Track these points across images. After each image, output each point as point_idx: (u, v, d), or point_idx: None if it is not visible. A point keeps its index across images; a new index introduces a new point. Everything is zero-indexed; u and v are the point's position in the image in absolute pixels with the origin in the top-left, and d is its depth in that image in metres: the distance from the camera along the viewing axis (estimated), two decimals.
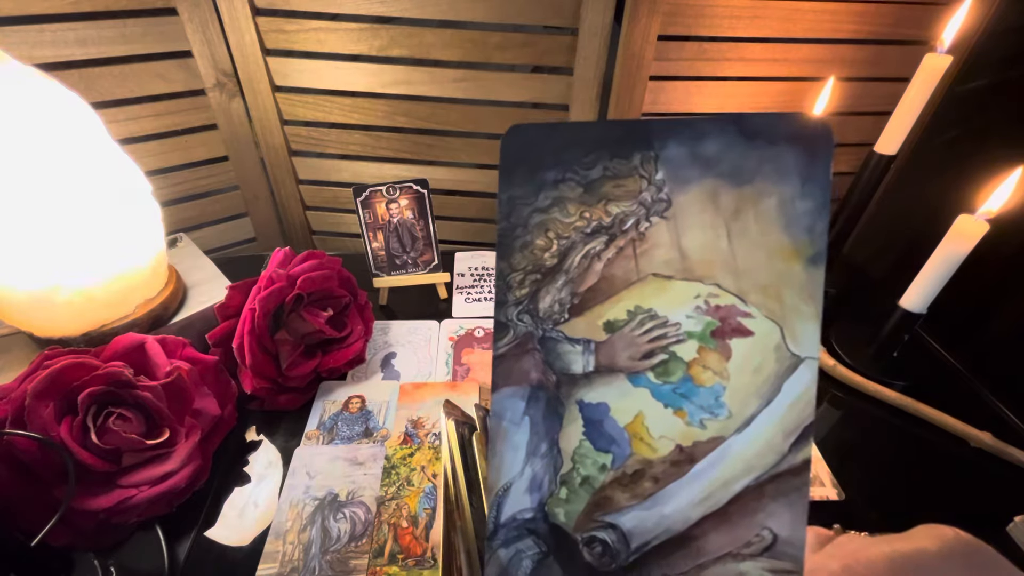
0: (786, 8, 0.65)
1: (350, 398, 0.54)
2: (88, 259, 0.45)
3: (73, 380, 0.39)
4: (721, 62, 0.68)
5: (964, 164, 0.68)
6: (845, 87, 0.69)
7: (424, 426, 0.51)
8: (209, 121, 0.73)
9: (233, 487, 0.47)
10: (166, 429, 0.42)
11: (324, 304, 0.54)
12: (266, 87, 0.71)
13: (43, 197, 0.42)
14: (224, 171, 0.77)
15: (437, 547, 0.42)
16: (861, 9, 0.66)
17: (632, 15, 0.63)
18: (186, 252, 0.63)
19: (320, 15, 0.66)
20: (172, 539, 0.42)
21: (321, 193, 0.82)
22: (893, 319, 0.57)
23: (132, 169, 0.49)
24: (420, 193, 0.62)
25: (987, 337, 0.66)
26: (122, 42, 0.63)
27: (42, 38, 0.59)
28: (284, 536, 0.42)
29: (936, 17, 0.67)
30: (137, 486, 0.40)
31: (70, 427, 0.38)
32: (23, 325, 0.48)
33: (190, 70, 0.68)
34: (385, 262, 0.65)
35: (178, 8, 0.64)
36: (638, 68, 0.67)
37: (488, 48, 0.67)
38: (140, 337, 0.44)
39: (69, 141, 0.43)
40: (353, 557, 0.41)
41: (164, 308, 0.53)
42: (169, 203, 0.75)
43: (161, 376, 0.43)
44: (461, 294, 0.69)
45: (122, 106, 0.66)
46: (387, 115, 0.74)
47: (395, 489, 0.46)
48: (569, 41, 0.66)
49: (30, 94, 0.41)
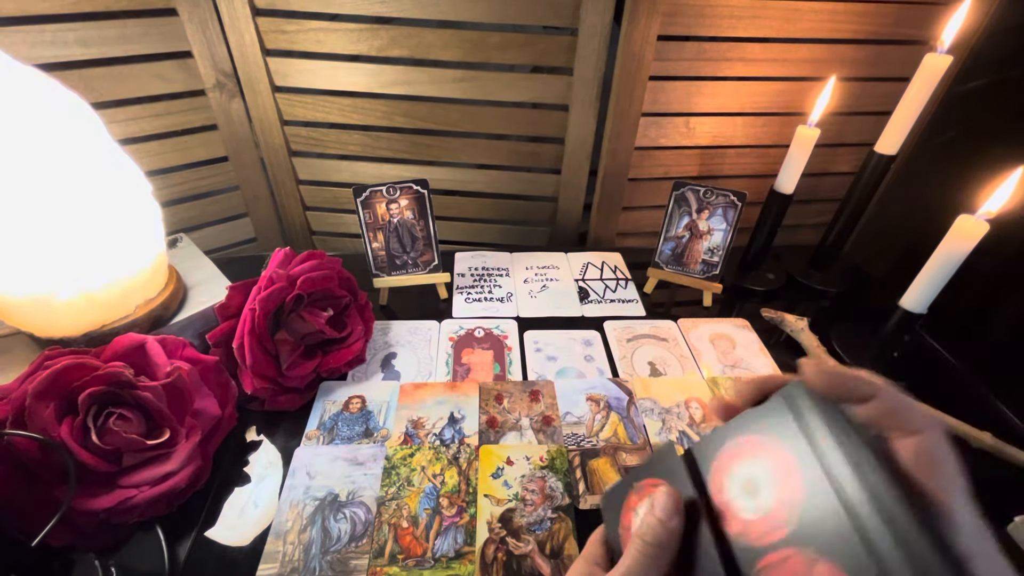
0: (786, 8, 0.65)
1: (350, 398, 0.54)
2: (88, 259, 0.45)
3: (74, 380, 0.39)
4: (721, 62, 0.68)
5: (964, 164, 0.68)
6: (845, 87, 0.69)
7: (424, 426, 0.51)
8: (209, 121, 0.73)
9: (233, 487, 0.47)
10: (166, 429, 0.42)
11: (324, 304, 0.54)
12: (266, 87, 0.71)
13: (43, 197, 0.42)
14: (224, 171, 0.77)
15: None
16: (861, 9, 0.66)
17: (632, 15, 0.63)
18: (186, 252, 0.63)
19: (320, 15, 0.66)
20: (172, 539, 0.42)
21: (321, 193, 0.82)
22: (893, 319, 0.57)
23: (132, 169, 0.49)
24: (420, 193, 0.62)
25: (987, 337, 0.66)
26: (122, 42, 0.63)
27: (42, 38, 0.59)
28: (284, 536, 0.42)
29: (936, 17, 0.67)
30: (137, 486, 0.40)
31: (70, 427, 0.38)
32: (24, 325, 0.48)
33: (190, 70, 0.68)
34: (385, 262, 0.65)
35: (178, 8, 0.64)
36: (638, 68, 0.67)
37: (488, 48, 0.67)
38: (140, 337, 0.44)
39: (69, 141, 0.43)
40: (353, 557, 0.41)
41: (164, 308, 0.53)
42: (169, 203, 0.75)
43: (161, 376, 0.43)
44: (461, 294, 0.69)
45: (122, 106, 0.66)
46: (387, 115, 0.74)
47: (395, 489, 0.46)
48: (569, 41, 0.66)
49: (30, 94, 0.41)
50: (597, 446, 0.50)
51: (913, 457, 0.21)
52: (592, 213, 0.82)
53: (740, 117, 0.74)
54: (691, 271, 0.68)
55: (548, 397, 0.55)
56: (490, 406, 0.54)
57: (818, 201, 0.83)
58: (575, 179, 0.78)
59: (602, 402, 0.54)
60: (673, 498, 0.25)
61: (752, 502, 0.23)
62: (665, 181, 0.78)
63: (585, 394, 0.55)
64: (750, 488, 0.23)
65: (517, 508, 0.45)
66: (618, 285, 0.72)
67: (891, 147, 0.63)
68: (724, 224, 0.64)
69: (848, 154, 0.79)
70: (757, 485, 0.23)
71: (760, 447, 0.24)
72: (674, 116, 0.73)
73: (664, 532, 0.25)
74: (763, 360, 0.61)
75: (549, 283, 0.72)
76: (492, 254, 0.77)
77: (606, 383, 0.57)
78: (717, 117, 0.73)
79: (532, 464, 0.48)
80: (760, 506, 0.23)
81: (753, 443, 0.24)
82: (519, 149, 0.77)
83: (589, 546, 0.30)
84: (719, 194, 0.64)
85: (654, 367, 0.59)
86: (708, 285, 0.68)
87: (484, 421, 0.52)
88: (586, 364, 0.60)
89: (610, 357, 0.61)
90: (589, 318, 0.67)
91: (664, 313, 0.68)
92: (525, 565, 0.41)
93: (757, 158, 0.78)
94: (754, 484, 0.23)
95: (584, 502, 0.46)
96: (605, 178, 0.77)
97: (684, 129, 0.74)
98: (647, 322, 0.66)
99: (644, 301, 0.70)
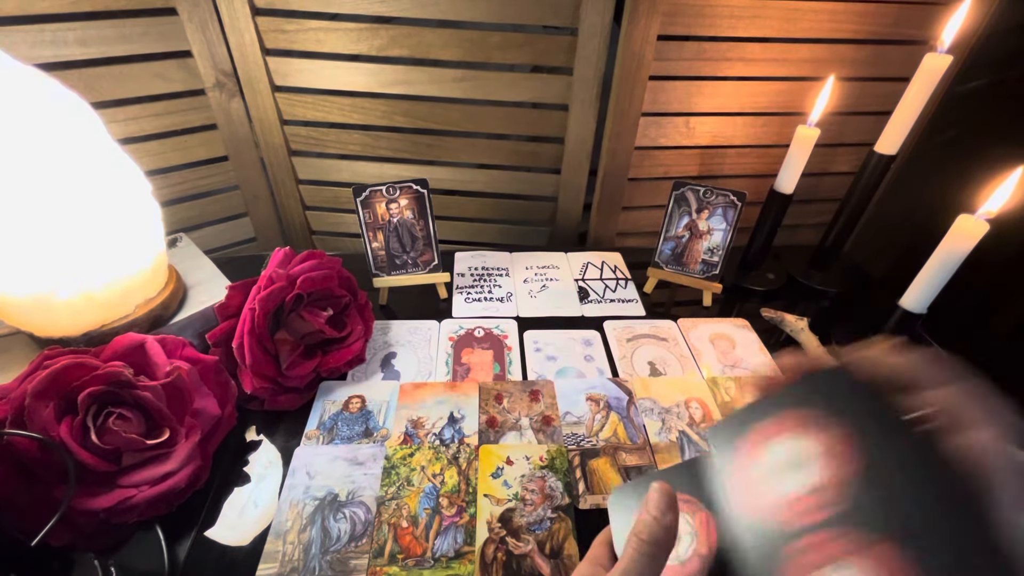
0: (786, 8, 0.65)
1: (350, 398, 0.54)
2: (88, 259, 0.45)
3: (73, 380, 0.39)
4: (721, 62, 0.68)
5: (964, 164, 0.68)
6: (845, 87, 0.69)
7: (424, 426, 0.51)
8: (209, 121, 0.73)
9: (233, 487, 0.47)
10: (166, 429, 0.42)
11: (324, 304, 0.54)
12: (266, 87, 0.71)
13: (43, 197, 0.42)
14: (224, 171, 0.77)
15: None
16: (861, 9, 0.66)
17: (632, 15, 0.63)
18: (186, 252, 0.63)
19: (320, 15, 0.66)
20: (172, 539, 0.42)
21: (321, 193, 0.82)
22: (893, 319, 0.57)
23: (132, 169, 0.49)
24: (420, 193, 0.62)
25: (987, 337, 0.66)
26: (122, 42, 0.63)
27: (42, 38, 0.59)
28: (284, 536, 0.42)
29: (936, 17, 0.66)
30: (137, 486, 0.40)
31: (70, 427, 0.38)
32: (23, 325, 0.48)
33: (190, 70, 0.68)
34: (385, 262, 0.65)
35: (178, 8, 0.64)
36: (638, 68, 0.67)
37: (488, 48, 0.67)
38: (140, 337, 0.44)
39: (69, 141, 0.43)
40: (353, 557, 0.41)
41: (164, 308, 0.53)
42: (169, 203, 0.75)
43: (161, 376, 0.43)
44: (461, 294, 0.69)
45: (122, 106, 0.66)
46: (387, 115, 0.74)
47: (395, 489, 0.46)
48: (569, 41, 0.66)
49: (30, 94, 0.41)
50: (597, 446, 0.50)
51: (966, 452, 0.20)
52: (592, 213, 0.82)
53: (740, 117, 0.74)
54: (691, 271, 0.68)
55: (548, 397, 0.55)
56: (490, 406, 0.54)
57: (818, 201, 0.83)
58: (575, 179, 0.78)
59: (602, 402, 0.54)
60: (666, 495, 0.25)
61: (792, 482, 0.22)
62: (665, 181, 0.78)
63: (585, 394, 0.55)
64: (789, 468, 0.22)
65: (517, 508, 0.45)
66: (618, 285, 0.72)
67: (891, 147, 0.63)
68: (724, 224, 0.64)
69: (848, 154, 0.79)
70: (798, 464, 0.22)
71: (804, 426, 0.23)
72: (674, 116, 0.73)
73: (660, 529, 0.25)
74: (763, 360, 0.61)
75: (549, 283, 0.72)
76: (492, 254, 0.77)
77: (606, 383, 0.57)
78: (717, 117, 0.73)
79: (532, 464, 0.48)
80: (801, 486, 0.22)
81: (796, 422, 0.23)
82: (519, 149, 0.77)
83: (594, 548, 0.30)
84: (719, 194, 0.64)
85: (654, 367, 0.59)
86: (708, 285, 0.68)
87: (484, 421, 0.52)
88: (586, 364, 0.60)
89: (610, 357, 0.61)
90: (589, 318, 0.67)
91: (664, 313, 0.68)
92: (525, 565, 0.41)
93: (757, 158, 0.78)
94: (795, 463, 0.22)
95: (584, 502, 0.46)
96: (605, 178, 0.77)
97: (684, 129, 0.74)
98: (647, 322, 0.66)
99: (644, 301, 0.70)
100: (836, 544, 0.20)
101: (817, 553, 0.20)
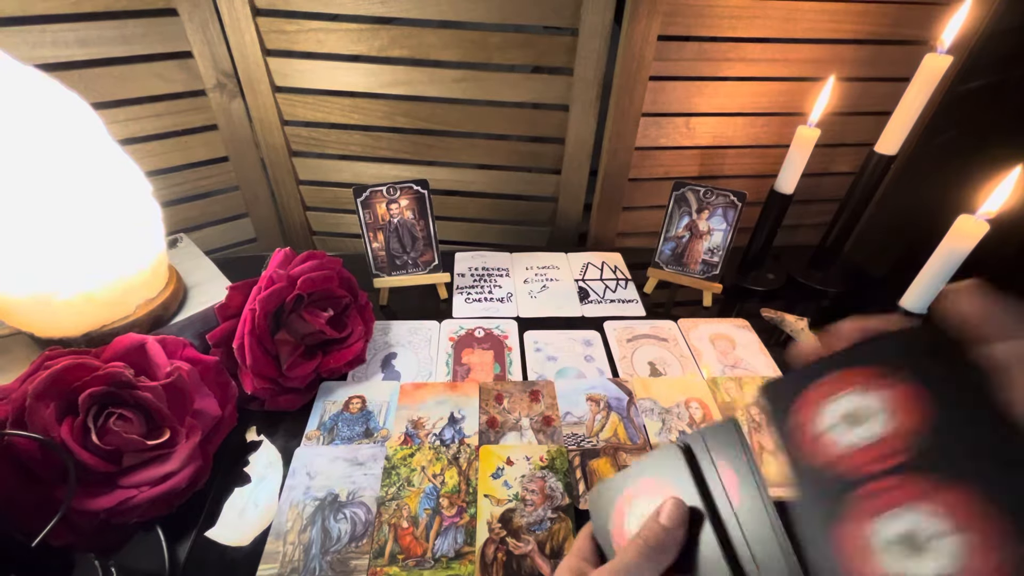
0: (786, 8, 0.65)
1: (350, 398, 0.54)
2: (89, 260, 0.45)
3: (74, 380, 0.39)
4: (721, 62, 0.68)
5: (964, 164, 0.68)
6: (845, 87, 0.69)
7: (424, 426, 0.51)
8: (209, 122, 0.73)
9: (233, 487, 0.47)
10: (167, 429, 0.42)
11: (324, 304, 0.54)
12: (266, 87, 0.71)
13: (43, 198, 0.42)
14: (224, 171, 0.77)
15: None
16: (861, 9, 0.66)
17: (632, 15, 0.63)
18: (186, 252, 0.63)
19: (320, 15, 0.66)
20: (172, 539, 0.42)
21: (321, 193, 0.82)
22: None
23: (133, 170, 0.49)
24: (420, 193, 0.62)
25: None
26: (122, 42, 0.63)
27: (42, 38, 0.59)
28: (284, 536, 0.42)
29: (936, 17, 0.67)
30: (138, 486, 0.40)
31: (71, 427, 0.38)
32: (24, 325, 0.48)
33: (190, 71, 0.68)
34: (385, 262, 0.65)
35: (178, 8, 0.64)
36: (638, 68, 0.67)
37: (488, 48, 0.67)
38: (140, 337, 0.44)
39: (69, 142, 0.43)
40: (353, 557, 0.41)
41: (164, 308, 0.53)
42: (169, 203, 0.75)
43: (162, 376, 0.43)
44: (461, 294, 0.69)
45: (122, 107, 0.66)
46: (387, 115, 0.74)
47: (395, 489, 0.46)
48: (569, 41, 0.66)
49: (30, 94, 0.41)
50: (597, 446, 0.50)
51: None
52: (592, 213, 0.82)
53: (740, 117, 0.74)
54: (691, 271, 0.68)
55: (548, 397, 0.55)
56: (490, 406, 0.54)
57: (818, 201, 0.83)
58: (575, 179, 0.78)
59: (602, 402, 0.54)
60: (680, 509, 0.26)
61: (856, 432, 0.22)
62: (665, 181, 0.78)
63: (585, 394, 0.55)
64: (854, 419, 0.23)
65: (517, 508, 0.45)
66: (618, 285, 0.72)
67: (891, 147, 0.63)
68: (724, 224, 0.64)
69: (848, 154, 0.79)
70: (864, 415, 0.23)
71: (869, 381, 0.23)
72: (674, 116, 0.73)
73: (668, 538, 0.26)
74: (763, 360, 0.61)
75: (549, 283, 0.72)
76: (492, 254, 0.77)
77: (606, 383, 0.57)
78: (717, 117, 0.73)
79: (532, 464, 0.48)
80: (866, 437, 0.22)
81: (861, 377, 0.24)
82: (519, 149, 0.77)
83: (578, 541, 0.31)
84: (719, 194, 0.64)
85: (654, 367, 0.59)
86: (708, 285, 0.68)
87: (484, 421, 0.52)
88: (586, 364, 0.60)
89: (610, 357, 0.61)
90: (589, 318, 0.67)
91: (664, 313, 0.68)
92: (525, 565, 0.41)
93: (757, 158, 0.78)
94: (860, 415, 0.23)
95: (584, 502, 0.46)
96: (605, 178, 0.77)
97: (684, 129, 0.74)
98: (647, 322, 0.66)
99: (644, 301, 0.70)
100: (903, 490, 0.20)
101: (882, 499, 0.20)
